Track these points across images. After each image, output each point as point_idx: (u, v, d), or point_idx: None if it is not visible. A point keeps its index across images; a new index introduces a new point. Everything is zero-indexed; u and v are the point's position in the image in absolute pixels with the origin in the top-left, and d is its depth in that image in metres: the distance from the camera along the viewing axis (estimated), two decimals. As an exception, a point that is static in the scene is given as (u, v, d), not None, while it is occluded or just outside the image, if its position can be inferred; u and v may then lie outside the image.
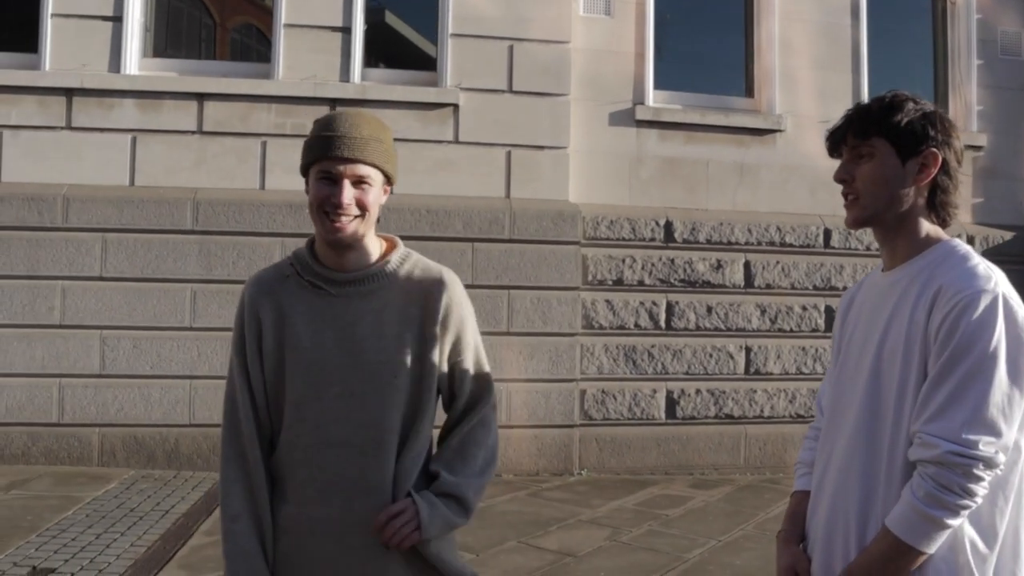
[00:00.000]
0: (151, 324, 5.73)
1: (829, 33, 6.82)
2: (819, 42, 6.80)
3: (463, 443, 1.88)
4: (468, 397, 1.89)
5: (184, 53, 6.49)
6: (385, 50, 6.63)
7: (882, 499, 1.63)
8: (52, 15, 5.86)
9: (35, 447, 5.62)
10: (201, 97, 5.98)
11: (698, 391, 6.38)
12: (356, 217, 1.78)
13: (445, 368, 1.87)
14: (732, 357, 6.45)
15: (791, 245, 6.58)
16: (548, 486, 5.74)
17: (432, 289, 1.85)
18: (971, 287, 1.56)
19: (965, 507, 1.52)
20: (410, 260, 1.89)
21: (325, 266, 1.84)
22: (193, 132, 5.97)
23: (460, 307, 1.88)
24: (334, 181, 1.77)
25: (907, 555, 1.55)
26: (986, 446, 1.50)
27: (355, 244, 1.82)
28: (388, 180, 1.86)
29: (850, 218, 1.76)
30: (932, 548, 1.54)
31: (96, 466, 5.64)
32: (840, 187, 1.77)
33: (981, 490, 1.52)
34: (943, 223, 1.75)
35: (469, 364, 1.89)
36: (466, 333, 1.89)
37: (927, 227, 1.73)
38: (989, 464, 1.51)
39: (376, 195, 1.82)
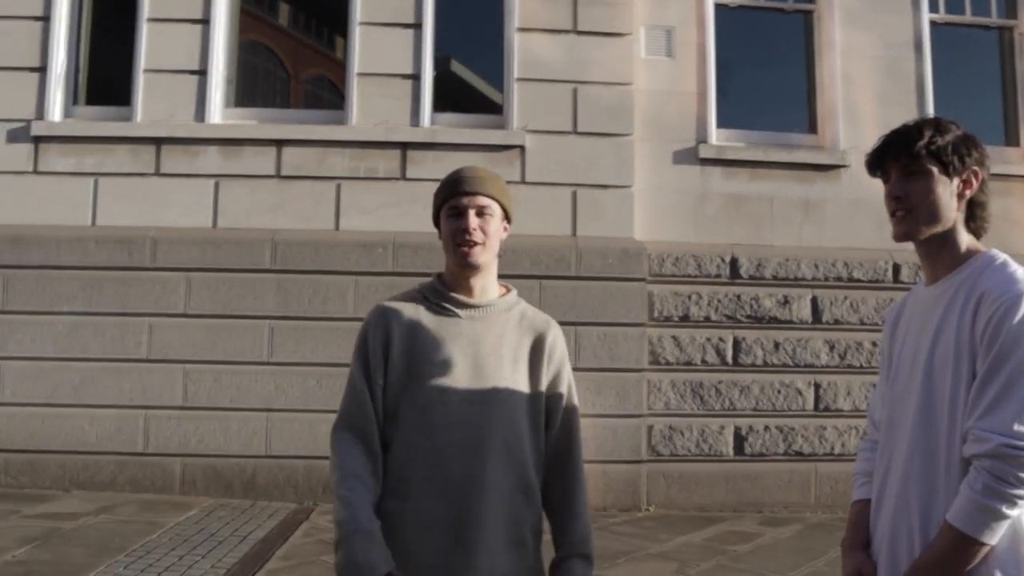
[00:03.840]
0: (231, 359, 5.98)
1: (892, 67, 6.83)
2: (882, 77, 6.81)
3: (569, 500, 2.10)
4: (561, 424, 2.11)
5: (261, 103, 6.84)
6: (453, 95, 6.87)
7: (943, 498, 1.69)
8: (144, 70, 6.27)
9: (122, 475, 5.87)
10: (279, 143, 6.29)
11: (766, 427, 6.33)
12: (480, 244, 2.01)
13: (546, 394, 2.09)
14: (801, 393, 6.39)
15: (859, 280, 6.53)
16: (616, 521, 5.74)
17: (543, 328, 2.11)
18: (1012, 290, 1.67)
19: (1022, 496, 1.57)
20: (522, 303, 2.15)
21: (454, 293, 2.06)
22: (272, 176, 6.27)
23: (563, 347, 2.15)
24: (460, 213, 2.02)
25: (970, 547, 1.60)
26: None
27: (482, 272, 2.05)
28: (506, 218, 2.10)
29: (901, 231, 1.84)
30: (994, 539, 1.60)
31: (177, 494, 5.86)
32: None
33: None
34: (978, 235, 1.85)
35: (564, 395, 2.12)
36: (564, 369, 2.13)
37: (967, 240, 1.83)
38: None
39: (496, 227, 2.06)
